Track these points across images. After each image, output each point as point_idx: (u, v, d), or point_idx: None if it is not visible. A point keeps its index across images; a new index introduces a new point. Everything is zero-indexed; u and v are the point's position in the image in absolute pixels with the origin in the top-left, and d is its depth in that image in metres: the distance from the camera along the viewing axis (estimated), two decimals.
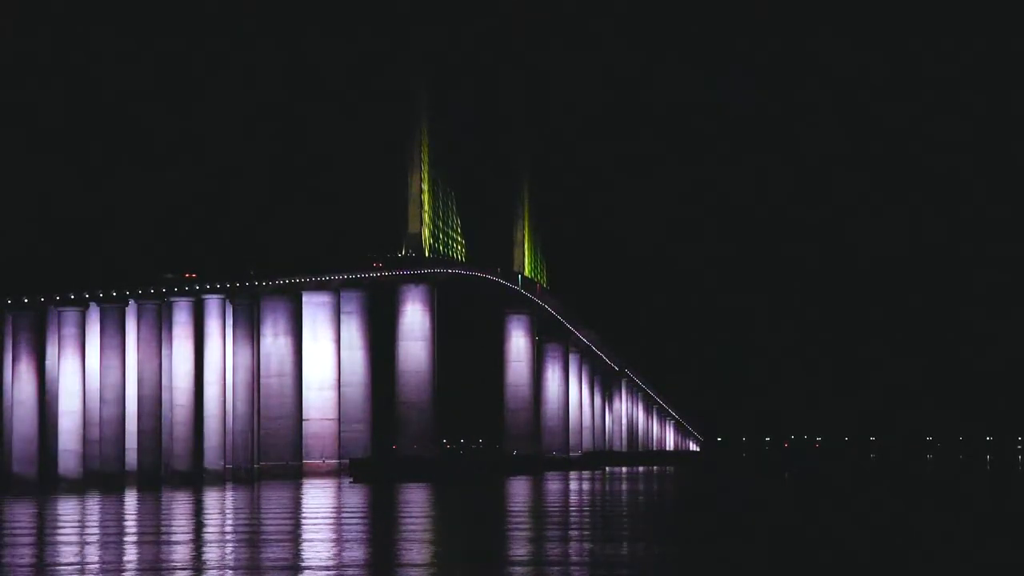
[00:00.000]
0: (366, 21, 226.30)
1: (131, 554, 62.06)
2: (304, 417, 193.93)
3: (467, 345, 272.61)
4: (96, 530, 79.95)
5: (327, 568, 54.13)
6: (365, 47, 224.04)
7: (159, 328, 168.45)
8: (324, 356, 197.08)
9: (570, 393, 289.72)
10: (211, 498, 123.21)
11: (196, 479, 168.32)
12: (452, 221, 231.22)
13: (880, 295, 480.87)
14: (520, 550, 62.52)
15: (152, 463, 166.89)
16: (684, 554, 60.81)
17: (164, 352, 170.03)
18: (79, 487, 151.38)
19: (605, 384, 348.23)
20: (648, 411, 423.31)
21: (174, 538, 72.21)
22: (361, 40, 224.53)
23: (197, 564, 56.77)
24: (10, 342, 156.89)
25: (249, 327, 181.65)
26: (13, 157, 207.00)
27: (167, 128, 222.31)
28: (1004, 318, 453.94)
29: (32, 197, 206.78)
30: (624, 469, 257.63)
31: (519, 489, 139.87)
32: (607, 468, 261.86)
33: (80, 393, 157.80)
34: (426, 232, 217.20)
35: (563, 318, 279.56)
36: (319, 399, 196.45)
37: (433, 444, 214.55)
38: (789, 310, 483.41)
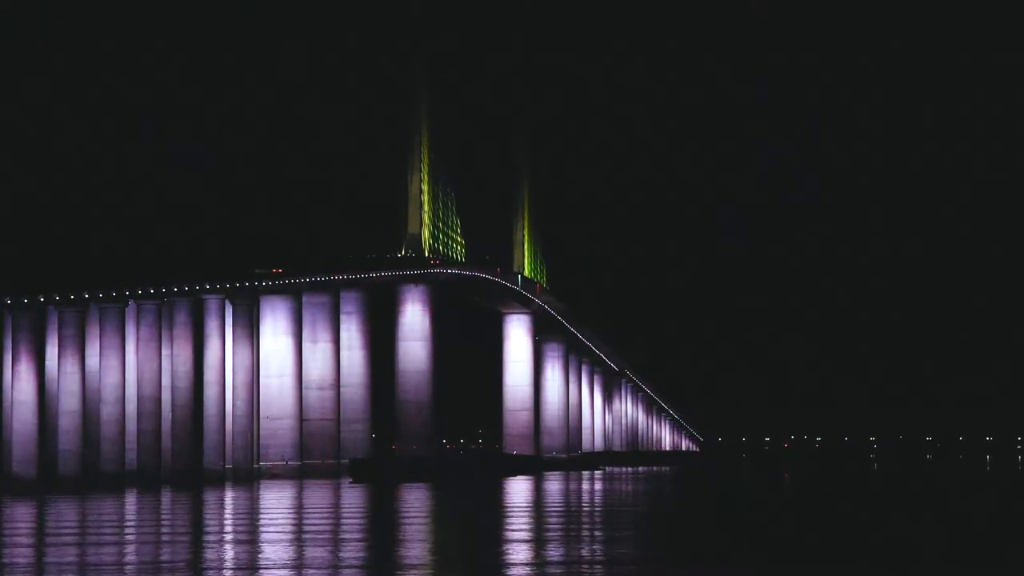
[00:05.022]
0: (367, 21, 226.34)
1: (131, 555, 62.10)
2: (304, 417, 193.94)
3: (467, 345, 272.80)
4: (97, 531, 79.99)
5: (326, 568, 54.17)
6: (366, 47, 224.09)
7: (159, 328, 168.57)
8: (324, 356, 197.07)
9: (570, 393, 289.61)
10: (211, 498, 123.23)
11: (196, 479, 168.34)
12: (452, 221, 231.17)
13: (881, 296, 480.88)
14: (517, 551, 62.58)
15: (152, 463, 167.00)
16: (679, 555, 60.87)
17: (164, 352, 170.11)
18: (79, 487, 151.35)
19: (605, 384, 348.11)
20: (648, 411, 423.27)
21: (174, 538, 72.25)
22: (362, 40, 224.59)
23: (196, 565, 56.82)
24: (10, 342, 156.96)
25: (249, 327, 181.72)
26: (13, 158, 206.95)
27: (167, 129, 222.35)
28: (1005, 319, 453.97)
29: (33, 198, 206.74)
30: (623, 469, 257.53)
31: (518, 489, 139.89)
32: (606, 468, 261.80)
33: (80, 393, 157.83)
34: (426, 232, 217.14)
35: (563, 318, 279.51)
36: (319, 399, 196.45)
37: (433, 444, 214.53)
38: (790, 311, 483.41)
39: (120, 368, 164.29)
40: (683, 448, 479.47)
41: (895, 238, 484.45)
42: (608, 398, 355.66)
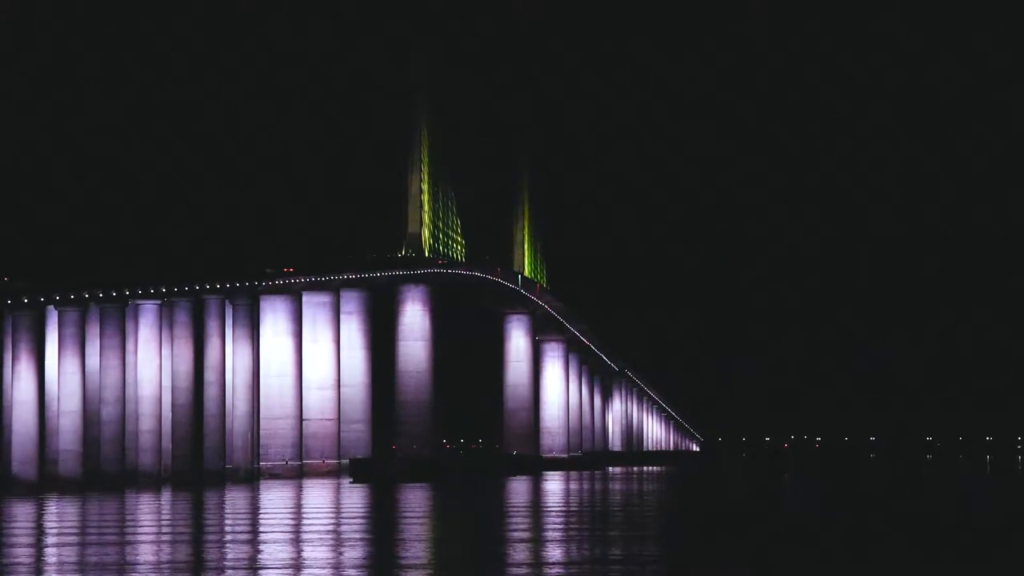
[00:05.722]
0: (367, 21, 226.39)
1: (132, 555, 62.09)
2: (304, 417, 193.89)
3: (467, 345, 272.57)
4: (98, 531, 80.00)
5: (326, 568, 54.17)
6: (365, 47, 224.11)
7: (159, 328, 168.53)
8: (324, 356, 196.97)
9: (570, 393, 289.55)
10: (211, 499, 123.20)
11: (196, 479, 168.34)
12: (452, 221, 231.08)
13: (880, 296, 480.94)
14: (516, 551, 62.56)
15: (152, 463, 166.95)
16: (680, 554, 60.85)
17: (164, 352, 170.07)
18: (79, 487, 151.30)
19: (605, 384, 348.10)
20: (648, 411, 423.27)
21: (174, 538, 72.25)
22: (362, 40, 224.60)
23: (196, 564, 56.80)
24: (10, 342, 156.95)
25: (249, 327, 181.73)
26: (14, 157, 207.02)
27: (166, 129, 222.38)
28: (1005, 318, 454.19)
29: (32, 198, 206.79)
30: (623, 469, 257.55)
31: (518, 489, 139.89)
32: (606, 468, 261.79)
33: (80, 393, 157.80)
34: (426, 232, 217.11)
35: (563, 318, 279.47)
36: (319, 399, 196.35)
37: (433, 444, 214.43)
38: (790, 310, 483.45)
39: (120, 368, 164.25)
40: (683, 448, 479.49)
41: (895, 238, 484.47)
42: (608, 398, 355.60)
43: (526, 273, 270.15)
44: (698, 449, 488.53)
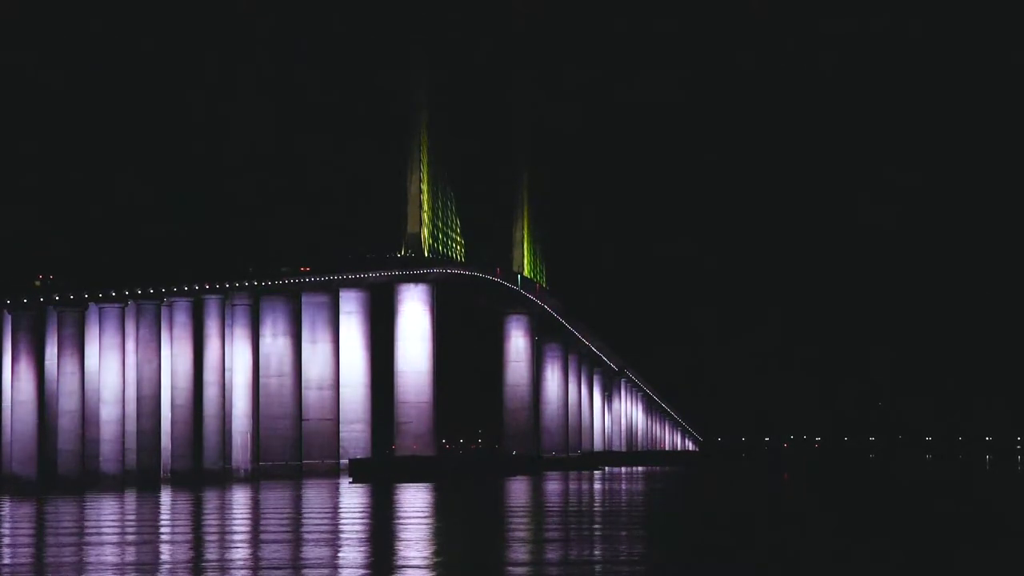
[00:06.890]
0: (367, 20, 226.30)
1: (131, 555, 62.06)
2: (304, 417, 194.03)
3: (467, 345, 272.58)
4: (98, 531, 79.98)
5: (326, 568, 54.17)
6: (365, 46, 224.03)
7: (159, 328, 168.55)
8: (323, 356, 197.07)
9: (569, 393, 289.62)
10: (210, 499, 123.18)
11: (196, 479, 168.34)
12: (452, 221, 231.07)
13: (880, 295, 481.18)
14: (517, 551, 62.57)
15: (152, 463, 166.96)
16: (678, 554, 60.85)
17: (164, 352, 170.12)
18: (79, 487, 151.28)
19: (604, 384, 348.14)
20: (647, 411, 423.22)
21: (174, 538, 72.24)
22: (361, 39, 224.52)
23: (196, 565, 56.80)
24: (9, 342, 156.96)
25: (249, 327, 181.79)
26: (13, 156, 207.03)
27: (166, 129, 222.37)
28: (1005, 318, 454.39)
29: (32, 198, 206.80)
30: (623, 469, 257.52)
31: (518, 490, 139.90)
32: (606, 468, 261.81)
33: (79, 393, 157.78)
34: (425, 232, 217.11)
35: (562, 318, 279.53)
36: (319, 399, 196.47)
37: (433, 444, 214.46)
38: (790, 311, 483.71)
39: (120, 368, 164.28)
40: (682, 448, 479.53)
41: (895, 238, 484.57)
42: (608, 398, 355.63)
43: (526, 273, 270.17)
44: (697, 449, 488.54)
